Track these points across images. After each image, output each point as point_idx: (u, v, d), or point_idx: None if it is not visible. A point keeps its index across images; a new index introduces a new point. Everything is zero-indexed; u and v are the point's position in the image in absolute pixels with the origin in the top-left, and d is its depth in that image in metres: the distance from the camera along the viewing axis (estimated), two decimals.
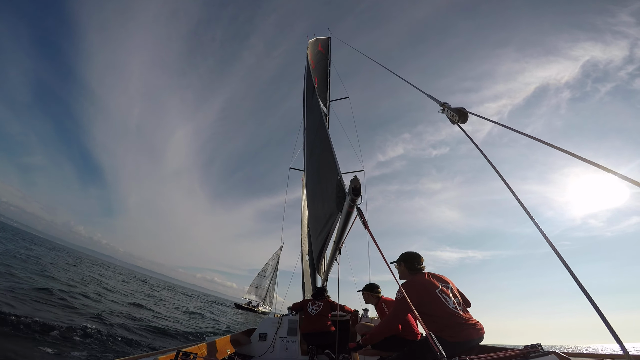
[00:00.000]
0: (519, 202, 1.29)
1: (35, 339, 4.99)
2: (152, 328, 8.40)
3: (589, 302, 1.29)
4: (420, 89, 2.12)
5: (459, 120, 1.64)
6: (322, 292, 4.56)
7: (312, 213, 4.34)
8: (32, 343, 4.80)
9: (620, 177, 1.28)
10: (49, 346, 4.84)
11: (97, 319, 7.39)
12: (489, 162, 1.42)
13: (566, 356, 1.63)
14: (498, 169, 1.35)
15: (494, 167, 1.36)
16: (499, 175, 1.33)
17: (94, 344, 5.63)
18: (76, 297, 9.47)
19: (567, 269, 1.29)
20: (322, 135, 3.53)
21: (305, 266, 8.60)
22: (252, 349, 4.37)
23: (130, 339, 6.52)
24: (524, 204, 1.30)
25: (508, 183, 1.31)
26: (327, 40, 8.89)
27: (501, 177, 1.32)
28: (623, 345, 1.32)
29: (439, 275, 2.39)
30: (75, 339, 5.51)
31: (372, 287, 3.72)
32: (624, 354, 1.32)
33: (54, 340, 5.19)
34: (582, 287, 1.29)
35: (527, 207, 1.29)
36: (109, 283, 17.12)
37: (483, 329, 2.09)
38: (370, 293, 3.68)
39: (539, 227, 1.29)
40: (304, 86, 6.35)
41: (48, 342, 4.99)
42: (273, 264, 45.71)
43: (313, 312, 4.20)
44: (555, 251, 1.29)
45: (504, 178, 1.32)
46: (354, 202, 2.02)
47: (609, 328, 1.32)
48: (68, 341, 5.34)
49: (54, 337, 5.32)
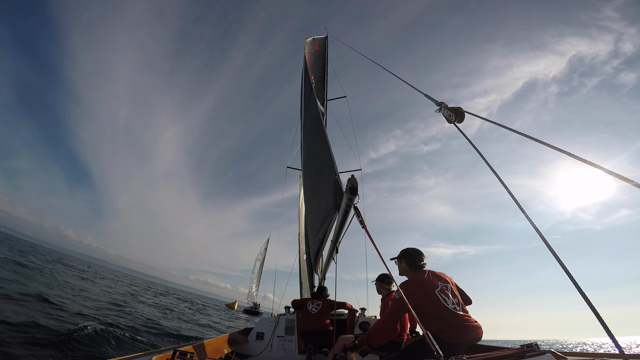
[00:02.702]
0: (512, 198, 1.31)
1: (28, 342, 4.93)
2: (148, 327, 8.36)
3: (582, 297, 1.30)
4: (417, 89, 2.14)
5: (455, 119, 1.65)
6: (322, 291, 4.54)
7: (309, 212, 4.35)
8: (25, 347, 4.75)
9: (605, 171, 1.30)
10: (45, 348, 4.80)
11: (89, 319, 7.33)
12: (484, 160, 1.43)
13: (562, 355, 1.65)
14: (489, 164, 1.36)
15: (490, 165, 1.38)
16: (493, 172, 1.34)
17: (92, 344, 5.58)
18: (66, 299, 9.38)
19: (560, 263, 1.31)
20: (319, 134, 3.54)
21: (303, 265, 8.61)
22: (250, 348, 4.37)
23: (129, 339, 6.48)
24: (516, 198, 1.31)
25: (502, 179, 1.33)
26: (325, 39, 8.90)
27: (496, 175, 1.34)
28: (618, 344, 1.32)
29: (439, 274, 2.35)
30: (74, 340, 5.46)
31: (385, 278, 3.52)
32: (620, 353, 1.32)
33: (51, 341, 5.14)
34: (575, 281, 1.30)
35: (518, 202, 1.30)
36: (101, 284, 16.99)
37: (481, 328, 2.08)
38: (381, 284, 3.52)
39: (532, 222, 1.30)
40: (302, 85, 6.35)
41: (44, 344, 4.94)
42: (261, 258, 46.21)
43: (313, 310, 4.16)
44: (548, 245, 1.30)
45: (498, 174, 1.33)
46: (351, 201, 2.03)
47: (603, 325, 1.32)
48: (68, 341, 5.29)
49: (51, 338, 5.27)
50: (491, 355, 1.74)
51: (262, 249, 46.63)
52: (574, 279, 1.30)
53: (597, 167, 1.29)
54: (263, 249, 46.42)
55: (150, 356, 2.06)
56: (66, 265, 28.09)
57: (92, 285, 16.72)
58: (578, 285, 1.31)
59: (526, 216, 1.30)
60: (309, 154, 4.48)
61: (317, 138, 3.72)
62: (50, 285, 11.70)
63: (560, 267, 1.31)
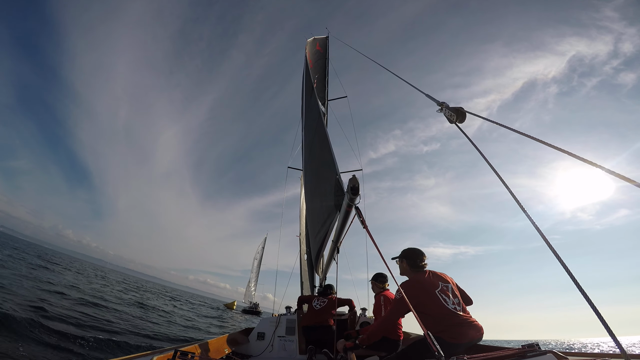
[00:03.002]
0: (513, 198, 1.31)
1: (27, 342, 4.94)
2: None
3: (583, 297, 1.29)
4: (418, 89, 2.14)
5: (457, 119, 1.65)
6: (329, 290, 4.56)
7: (310, 212, 4.35)
8: (25, 345, 4.76)
9: (606, 171, 1.30)
10: (42, 349, 4.81)
11: (93, 321, 7.32)
12: (486, 160, 1.44)
13: (563, 355, 1.65)
14: (491, 165, 1.36)
15: (491, 165, 1.38)
16: (495, 172, 1.34)
17: (91, 344, 5.59)
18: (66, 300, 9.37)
19: (561, 262, 1.30)
20: (320, 134, 3.54)
21: (304, 265, 8.60)
22: (250, 349, 4.37)
23: (127, 339, 6.49)
24: (517, 197, 1.31)
25: (503, 179, 1.33)
26: (325, 39, 8.90)
27: (497, 175, 1.34)
28: (620, 344, 1.31)
29: (440, 274, 2.35)
30: (72, 340, 5.46)
31: (378, 277, 3.73)
32: (622, 353, 1.30)
33: (49, 342, 5.15)
34: (576, 281, 1.30)
35: (519, 201, 1.30)
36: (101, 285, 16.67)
37: (482, 328, 2.09)
38: (375, 282, 3.71)
39: (533, 221, 1.30)
40: (303, 86, 6.36)
41: (41, 344, 4.95)
42: (258, 257, 46.35)
43: (317, 306, 4.24)
44: (549, 245, 1.30)
45: (500, 174, 1.33)
46: (352, 202, 2.03)
47: (605, 325, 1.32)
48: (65, 343, 5.30)
49: (48, 339, 5.27)
50: (492, 355, 1.75)
51: (259, 248, 46.81)
52: (575, 279, 1.30)
53: (597, 166, 1.29)
54: (260, 248, 46.64)
55: (152, 356, 2.06)
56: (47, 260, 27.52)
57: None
58: (579, 285, 1.30)
59: (527, 215, 1.30)
60: (310, 154, 4.48)
61: (318, 138, 3.72)
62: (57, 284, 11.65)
63: (562, 266, 1.30)
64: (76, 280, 16.74)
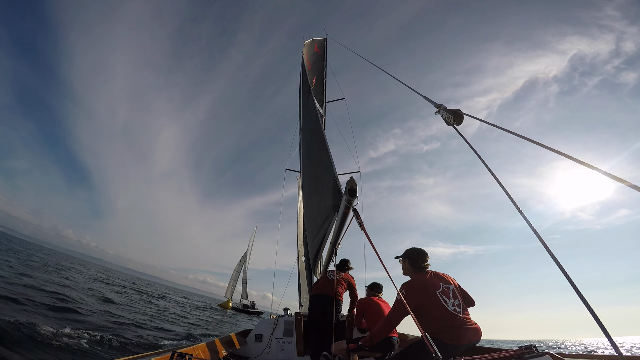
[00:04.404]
0: (509, 198, 1.31)
1: (23, 343, 4.89)
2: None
3: (579, 298, 1.30)
4: (416, 91, 2.14)
5: (454, 121, 1.66)
6: (345, 264, 4.46)
7: (308, 213, 4.35)
8: (23, 347, 4.71)
9: (603, 173, 1.31)
10: (40, 349, 4.76)
11: (85, 321, 7.27)
12: (483, 162, 1.44)
13: (560, 357, 1.65)
14: (488, 164, 1.36)
15: (488, 167, 1.38)
16: (491, 173, 1.35)
17: (88, 345, 5.54)
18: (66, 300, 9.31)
19: (557, 263, 1.31)
20: (318, 136, 3.55)
21: (302, 267, 8.59)
22: (248, 350, 4.36)
23: (126, 339, 6.43)
24: (513, 198, 1.31)
25: (500, 180, 1.33)
26: (323, 41, 8.92)
27: (494, 176, 1.35)
28: (615, 345, 1.32)
29: (442, 275, 2.34)
30: (72, 340, 5.42)
31: (374, 287, 3.84)
32: (618, 355, 1.32)
33: (48, 342, 5.10)
34: (572, 282, 1.31)
35: (517, 201, 1.31)
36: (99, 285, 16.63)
37: (480, 331, 2.09)
38: (369, 290, 3.82)
39: (529, 223, 1.30)
40: (300, 87, 6.36)
41: (39, 345, 4.91)
42: (249, 252, 45.78)
43: (331, 277, 4.13)
44: (545, 246, 1.31)
45: (497, 176, 1.34)
46: (350, 204, 2.04)
47: (600, 326, 1.33)
48: (65, 342, 5.25)
49: (47, 340, 5.23)
50: (489, 357, 1.75)
51: (250, 242, 46.33)
52: (571, 279, 1.30)
53: (594, 168, 1.30)
54: (251, 242, 46.20)
55: (149, 357, 2.05)
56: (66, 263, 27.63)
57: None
58: (575, 286, 1.31)
59: (523, 217, 1.31)
60: (307, 155, 4.49)
61: (315, 140, 3.73)
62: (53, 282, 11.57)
63: (558, 267, 1.31)
64: (74, 280, 16.67)
